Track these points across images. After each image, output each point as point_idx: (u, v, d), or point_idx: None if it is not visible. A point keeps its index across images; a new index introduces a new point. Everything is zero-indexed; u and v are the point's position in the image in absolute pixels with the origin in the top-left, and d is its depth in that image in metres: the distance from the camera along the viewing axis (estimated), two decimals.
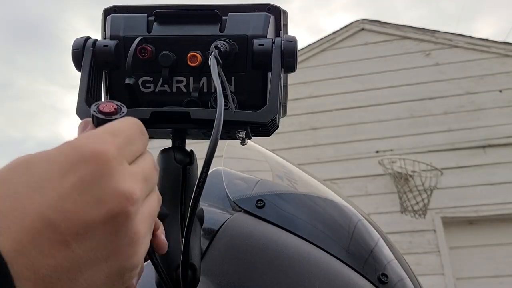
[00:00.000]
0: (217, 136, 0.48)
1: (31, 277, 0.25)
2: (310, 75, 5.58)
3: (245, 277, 0.60)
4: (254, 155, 0.90)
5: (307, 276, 0.58)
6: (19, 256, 0.24)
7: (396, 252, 0.70)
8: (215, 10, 0.61)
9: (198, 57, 0.57)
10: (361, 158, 5.18)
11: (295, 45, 0.59)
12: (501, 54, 5.30)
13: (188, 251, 0.55)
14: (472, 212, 4.76)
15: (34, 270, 0.25)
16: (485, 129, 5.02)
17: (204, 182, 0.48)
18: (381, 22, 5.79)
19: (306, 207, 0.74)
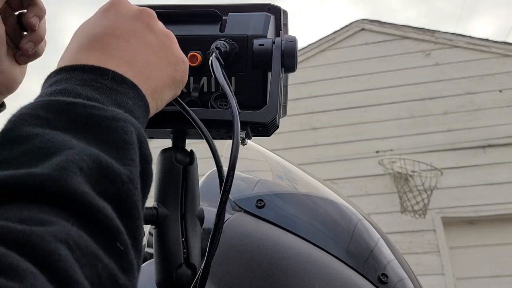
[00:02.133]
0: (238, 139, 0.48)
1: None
2: (310, 75, 5.58)
3: (245, 277, 0.60)
4: (254, 155, 0.90)
5: (307, 276, 0.58)
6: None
7: (396, 252, 0.70)
8: (215, 10, 0.61)
9: (198, 57, 0.57)
10: (361, 158, 5.18)
11: (295, 45, 0.59)
12: (501, 54, 5.29)
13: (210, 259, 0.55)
14: (472, 212, 4.76)
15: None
16: (485, 129, 5.02)
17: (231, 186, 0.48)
18: (381, 22, 5.79)
19: (306, 207, 0.74)
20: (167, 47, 0.46)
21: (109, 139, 0.32)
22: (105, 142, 0.32)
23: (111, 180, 0.30)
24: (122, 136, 0.33)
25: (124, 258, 0.28)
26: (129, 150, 0.32)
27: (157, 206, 0.60)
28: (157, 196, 0.61)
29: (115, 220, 0.28)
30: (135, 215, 0.31)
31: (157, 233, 0.60)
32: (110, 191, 0.29)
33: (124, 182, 0.30)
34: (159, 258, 0.60)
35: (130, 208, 0.30)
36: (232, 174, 0.47)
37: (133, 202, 0.31)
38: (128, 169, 0.31)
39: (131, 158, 0.32)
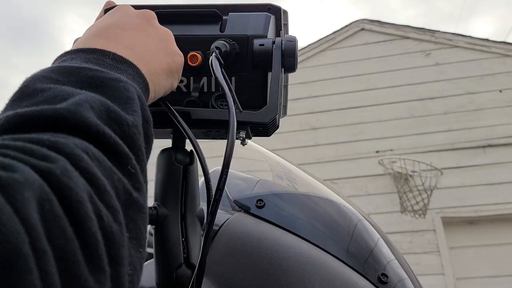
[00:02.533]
0: (233, 138, 0.48)
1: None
2: (310, 75, 5.58)
3: (245, 277, 0.60)
4: (254, 155, 0.90)
5: (307, 276, 0.58)
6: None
7: (396, 252, 0.70)
8: (216, 10, 0.61)
9: (198, 57, 0.57)
10: (361, 158, 5.18)
11: (295, 45, 0.59)
12: (501, 54, 5.29)
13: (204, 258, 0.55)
14: (472, 212, 4.76)
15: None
16: (485, 129, 5.02)
17: (224, 184, 0.48)
18: (381, 22, 5.79)
19: (306, 207, 0.74)
20: (166, 40, 0.51)
21: (114, 94, 0.35)
22: (111, 96, 0.35)
23: (118, 123, 0.33)
24: (125, 93, 0.36)
25: (135, 179, 0.31)
26: (132, 104, 0.36)
27: (157, 206, 0.60)
28: (157, 196, 0.61)
29: (125, 148, 0.31)
30: (140, 156, 0.33)
31: (157, 233, 0.60)
32: (117, 131, 0.32)
33: (129, 126, 0.33)
34: (159, 258, 0.60)
35: (135, 148, 0.33)
36: (226, 173, 0.47)
37: (138, 145, 0.34)
38: (133, 117, 0.35)
39: (134, 110, 0.36)
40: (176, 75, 0.51)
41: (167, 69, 0.48)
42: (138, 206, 0.29)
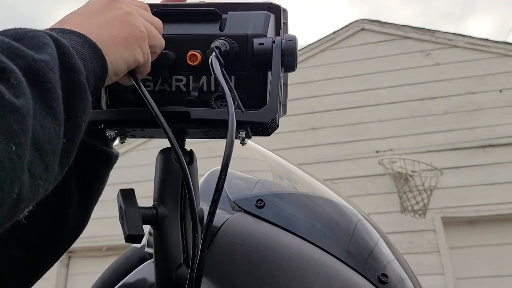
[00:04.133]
0: (233, 138, 0.47)
1: None
2: (310, 75, 5.58)
3: (245, 277, 0.60)
4: (254, 155, 0.90)
5: (307, 276, 0.57)
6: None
7: (396, 252, 0.70)
8: (215, 8, 0.61)
9: (198, 56, 0.57)
10: (361, 158, 5.18)
11: (295, 44, 0.58)
12: (501, 54, 5.29)
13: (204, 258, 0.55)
14: (472, 212, 4.75)
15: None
16: (485, 129, 5.02)
17: (223, 184, 0.48)
18: (381, 22, 5.79)
19: (306, 207, 0.74)
20: (124, 15, 0.52)
21: (28, 41, 0.39)
22: (25, 43, 0.39)
23: (21, 57, 0.36)
24: (40, 40, 0.39)
25: (17, 89, 0.33)
26: (45, 47, 0.39)
27: (157, 206, 0.59)
28: (157, 196, 0.61)
29: (9, 64, 0.34)
30: (49, 88, 0.37)
31: (157, 233, 0.60)
32: (21, 63, 0.36)
33: (36, 60, 0.36)
34: (158, 258, 0.60)
35: (43, 79, 0.36)
36: (225, 173, 0.47)
37: (47, 77, 0.37)
38: (43, 56, 0.38)
39: (47, 52, 0.39)
40: (136, 47, 0.51)
41: (124, 40, 0.50)
42: (10, 106, 0.32)
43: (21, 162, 0.32)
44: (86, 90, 0.42)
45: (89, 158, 0.64)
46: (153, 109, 0.52)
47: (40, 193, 0.36)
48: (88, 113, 0.43)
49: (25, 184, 0.33)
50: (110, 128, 0.61)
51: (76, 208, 0.65)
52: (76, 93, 0.41)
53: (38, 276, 0.65)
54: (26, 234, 0.62)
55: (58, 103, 0.38)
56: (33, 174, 0.34)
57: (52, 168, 0.37)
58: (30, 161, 0.34)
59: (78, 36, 0.45)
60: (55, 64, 0.39)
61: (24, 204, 0.34)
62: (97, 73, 0.45)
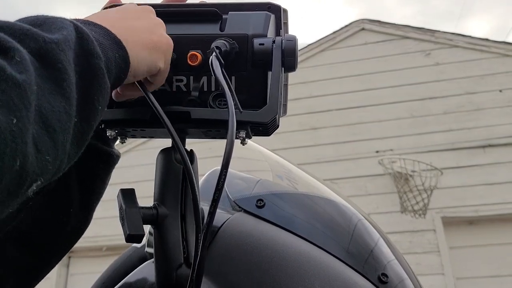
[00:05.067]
0: (233, 138, 0.48)
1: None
2: (310, 75, 5.58)
3: (245, 277, 0.60)
4: (254, 155, 0.90)
5: (307, 276, 0.58)
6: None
7: (396, 252, 0.70)
8: (215, 8, 0.61)
9: (198, 56, 0.57)
10: (361, 158, 5.18)
11: (295, 44, 0.58)
12: (501, 54, 5.29)
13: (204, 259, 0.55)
14: (472, 212, 4.75)
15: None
16: (485, 129, 5.02)
17: (223, 184, 0.48)
18: (381, 22, 5.79)
19: (306, 207, 0.74)
20: (154, 24, 0.54)
21: (46, 26, 0.40)
22: (42, 27, 0.40)
23: (33, 39, 0.37)
24: (58, 24, 0.40)
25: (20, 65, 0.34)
26: (61, 30, 0.40)
27: (157, 206, 0.59)
28: (157, 196, 0.61)
29: (13, 44, 0.34)
30: (60, 68, 0.37)
31: (157, 233, 0.60)
32: (32, 45, 0.36)
33: (46, 42, 0.37)
34: (159, 258, 0.60)
35: (53, 59, 0.37)
36: (225, 173, 0.47)
37: (56, 58, 0.37)
38: (55, 36, 0.39)
39: (62, 33, 0.39)
40: (161, 54, 0.53)
41: (150, 44, 0.51)
42: (11, 81, 0.32)
43: (22, 134, 0.32)
44: (104, 75, 0.43)
45: (90, 158, 0.64)
46: (156, 109, 0.53)
47: (49, 169, 0.36)
48: (106, 98, 0.44)
49: (29, 157, 0.33)
50: (110, 128, 0.61)
51: (78, 209, 0.65)
52: (92, 76, 0.41)
53: (39, 277, 0.65)
54: (27, 235, 0.62)
55: (68, 83, 0.38)
56: (40, 150, 0.34)
57: (62, 146, 0.37)
58: (37, 136, 0.34)
59: (100, 28, 0.46)
60: (69, 47, 0.40)
61: (30, 178, 0.34)
62: (118, 64, 0.46)
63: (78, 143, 0.40)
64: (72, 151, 0.40)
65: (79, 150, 0.41)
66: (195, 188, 0.55)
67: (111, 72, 0.44)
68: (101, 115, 0.44)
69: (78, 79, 0.40)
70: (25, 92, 0.33)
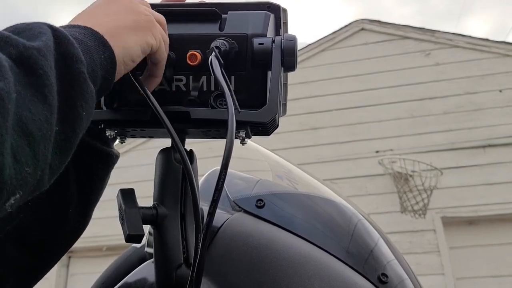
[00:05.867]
0: (232, 138, 0.47)
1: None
2: (310, 75, 5.58)
3: (245, 277, 0.59)
4: (254, 155, 0.89)
5: (307, 276, 0.57)
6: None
7: (396, 252, 0.70)
8: (215, 8, 0.61)
9: (197, 56, 0.57)
10: (361, 158, 5.18)
11: (295, 44, 0.58)
12: (501, 54, 5.29)
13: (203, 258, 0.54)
14: (472, 212, 4.75)
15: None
16: (485, 129, 5.02)
17: (223, 184, 0.48)
18: (381, 22, 5.79)
19: (306, 207, 0.74)
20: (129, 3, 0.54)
21: (25, 33, 0.40)
22: (21, 34, 0.39)
23: (13, 46, 0.37)
24: (37, 30, 0.40)
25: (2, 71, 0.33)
26: (40, 36, 0.39)
27: (157, 206, 0.59)
28: (157, 196, 0.61)
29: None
30: (41, 75, 0.37)
31: (157, 233, 0.60)
32: (13, 51, 0.36)
33: (27, 47, 0.37)
34: (159, 258, 0.60)
35: (35, 66, 0.37)
36: (224, 173, 0.47)
37: (38, 64, 0.37)
38: (36, 43, 0.38)
39: (41, 40, 0.39)
40: (145, 30, 0.52)
41: (132, 24, 0.51)
42: None
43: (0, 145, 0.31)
44: (86, 78, 0.42)
45: (89, 158, 0.64)
46: (156, 109, 0.53)
47: (29, 181, 0.35)
48: (91, 103, 0.42)
49: (7, 169, 0.32)
50: (110, 128, 0.61)
51: (76, 209, 0.65)
52: (74, 81, 0.40)
53: (38, 277, 0.65)
54: (26, 235, 0.62)
55: (50, 90, 0.37)
56: (19, 160, 0.33)
57: (43, 156, 0.36)
58: (16, 146, 0.33)
59: (84, 29, 0.46)
60: (49, 52, 0.39)
61: (7, 190, 0.33)
62: (104, 65, 0.45)
63: (61, 151, 0.39)
64: (54, 161, 0.38)
65: (63, 160, 0.40)
66: (195, 188, 0.54)
67: (96, 74, 0.44)
68: (88, 121, 0.42)
69: (59, 85, 0.39)
70: (2, 100, 0.32)
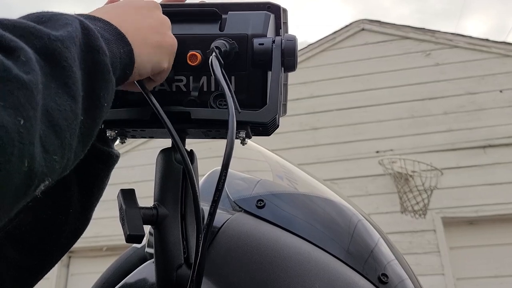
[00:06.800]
0: (233, 139, 0.47)
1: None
2: (311, 75, 5.58)
3: (246, 277, 0.60)
4: (254, 155, 0.90)
5: (307, 276, 0.57)
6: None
7: (396, 252, 0.70)
8: (215, 8, 0.61)
9: (198, 56, 0.57)
10: (361, 158, 5.18)
11: (295, 44, 0.58)
12: (501, 54, 5.29)
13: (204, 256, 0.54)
14: (472, 212, 4.75)
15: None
16: (485, 129, 5.02)
17: (224, 185, 0.48)
18: (381, 22, 5.79)
19: (306, 207, 0.74)
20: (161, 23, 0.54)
21: (51, 22, 0.40)
22: (46, 24, 0.40)
23: (37, 37, 0.37)
24: (63, 21, 0.40)
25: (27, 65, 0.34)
26: (66, 27, 0.40)
27: (157, 206, 0.59)
28: (157, 196, 0.61)
29: (19, 43, 0.34)
30: (65, 67, 0.37)
31: (157, 233, 0.60)
32: (37, 43, 0.36)
33: (51, 39, 0.37)
34: (159, 258, 0.60)
35: (58, 57, 0.37)
36: (225, 173, 0.47)
37: (62, 56, 0.37)
38: (59, 33, 0.38)
39: (67, 30, 0.39)
40: (166, 55, 0.53)
41: (156, 43, 0.51)
42: (17, 82, 0.32)
43: (30, 135, 0.32)
44: (110, 71, 0.42)
45: (89, 159, 0.64)
46: (157, 110, 0.53)
47: (57, 169, 0.36)
48: (112, 95, 0.43)
49: (37, 158, 0.33)
50: (110, 128, 0.61)
51: (77, 209, 0.65)
52: (98, 73, 0.41)
53: (37, 277, 0.65)
54: (26, 235, 0.62)
55: (74, 81, 0.38)
56: (47, 150, 0.34)
57: (69, 145, 0.37)
58: (44, 136, 0.34)
59: (104, 23, 0.46)
60: (74, 43, 0.39)
61: (38, 178, 0.34)
62: (123, 59, 0.46)
63: (84, 140, 0.40)
64: (78, 149, 0.40)
65: (85, 148, 0.41)
66: (196, 188, 0.54)
67: (116, 68, 0.44)
68: (107, 112, 0.43)
69: (83, 75, 0.40)
70: (32, 92, 0.33)
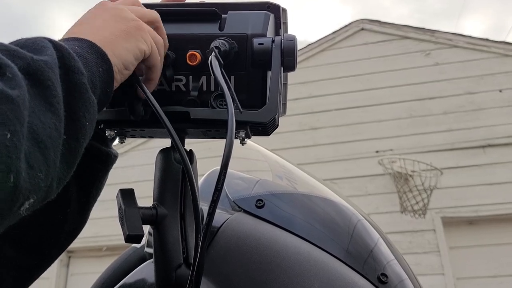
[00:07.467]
0: (232, 139, 0.47)
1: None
2: (310, 75, 5.58)
3: (245, 277, 0.59)
4: (254, 155, 0.89)
5: (307, 276, 0.57)
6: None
7: (396, 252, 0.70)
8: (215, 8, 0.61)
9: (197, 56, 0.57)
10: (361, 158, 5.18)
11: (295, 44, 0.58)
12: (501, 54, 5.29)
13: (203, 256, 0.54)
14: (472, 212, 4.75)
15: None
16: (485, 129, 5.02)
17: (223, 184, 0.48)
18: (381, 22, 5.79)
19: (305, 207, 0.74)
20: (115, 11, 0.54)
21: (30, 47, 0.41)
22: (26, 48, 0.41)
23: (21, 58, 0.38)
24: (40, 44, 0.42)
25: (13, 82, 0.35)
26: (44, 50, 0.41)
27: (157, 206, 0.59)
28: (156, 196, 0.61)
29: (5, 60, 0.35)
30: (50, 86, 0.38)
31: (157, 233, 0.60)
32: (20, 63, 0.37)
33: (34, 60, 0.38)
34: (158, 258, 0.60)
35: (42, 76, 0.38)
36: (224, 173, 0.47)
37: (45, 75, 0.38)
38: (41, 56, 0.40)
39: (46, 54, 0.40)
40: (136, 36, 0.53)
41: (123, 32, 0.52)
42: (4, 96, 0.33)
43: (16, 150, 0.32)
44: (88, 90, 0.43)
45: (88, 158, 0.64)
46: (156, 109, 0.53)
47: (41, 186, 0.36)
48: (93, 113, 0.44)
49: (22, 174, 0.33)
50: (109, 128, 0.61)
51: (75, 208, 0.65)
52: (77, 93, 0.41)
53: (34, 276, 0.65)
54: (23, 234, 0.62)
55: (58, 100, 0.39)
56: (32, 166, 0.34)
57: (53, 163, 0.37)
58: (29, 153, 0.34)
59: (82, 42, 0.47)
60: (55, 65, 0.40)
61: (23, 194, 0.34)
62: (102, 77, 0.46)
63: (67, 161, 0.40)
64: (62, 169, 0.40)
65: (70, 169, 0.41)
66: (195, 188, 0.54)
67: (96, 86, 0.45)
68: (91, 131, 0.44)
69: (64, 96, 0.40)
70: (19, 107, 0.33)
